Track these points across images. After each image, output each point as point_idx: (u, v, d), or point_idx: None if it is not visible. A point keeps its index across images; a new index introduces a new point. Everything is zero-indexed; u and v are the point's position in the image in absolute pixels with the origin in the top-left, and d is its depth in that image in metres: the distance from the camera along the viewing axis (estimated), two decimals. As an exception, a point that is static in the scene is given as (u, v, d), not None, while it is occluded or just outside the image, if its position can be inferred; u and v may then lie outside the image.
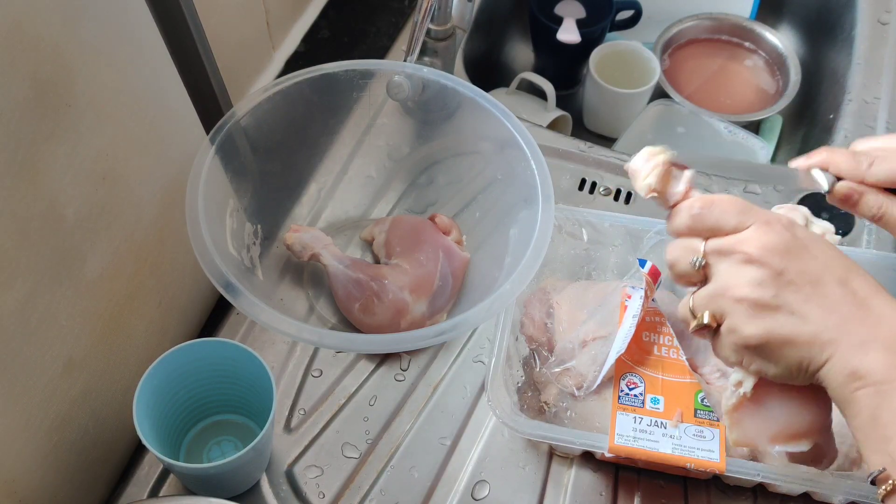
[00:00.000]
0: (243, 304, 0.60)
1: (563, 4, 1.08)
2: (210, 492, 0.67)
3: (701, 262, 0.50)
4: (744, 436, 0.56)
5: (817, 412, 0.53)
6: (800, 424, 0.53)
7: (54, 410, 0.58)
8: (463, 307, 0.75)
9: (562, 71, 1.11)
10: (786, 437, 0.54)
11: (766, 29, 1.12)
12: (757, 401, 0.54)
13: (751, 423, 0.55)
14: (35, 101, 0.49)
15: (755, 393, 0.53)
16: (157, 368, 0.62)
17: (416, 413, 0.72)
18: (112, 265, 0.61)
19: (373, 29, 1.01)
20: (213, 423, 0.70)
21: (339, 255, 0.76)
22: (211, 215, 0.64)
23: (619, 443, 0.63)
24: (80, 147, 0.54)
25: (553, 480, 0.69)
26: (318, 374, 0.73)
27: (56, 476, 0.61)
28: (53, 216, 0.53)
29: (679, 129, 1.03)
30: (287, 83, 0.72)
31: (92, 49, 0.53)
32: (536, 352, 0.72)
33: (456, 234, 0.78)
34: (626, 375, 0.67)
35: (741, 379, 0.53)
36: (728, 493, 0.68)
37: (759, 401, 0.54)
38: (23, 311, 0.52)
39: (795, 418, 0.53)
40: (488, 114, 0.72)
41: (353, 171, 0.84)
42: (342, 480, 0.68)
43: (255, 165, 0.74)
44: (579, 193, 0.86)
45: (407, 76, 0.74)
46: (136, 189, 0.62)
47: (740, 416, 0.55)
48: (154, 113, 0.62)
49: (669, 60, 1.11)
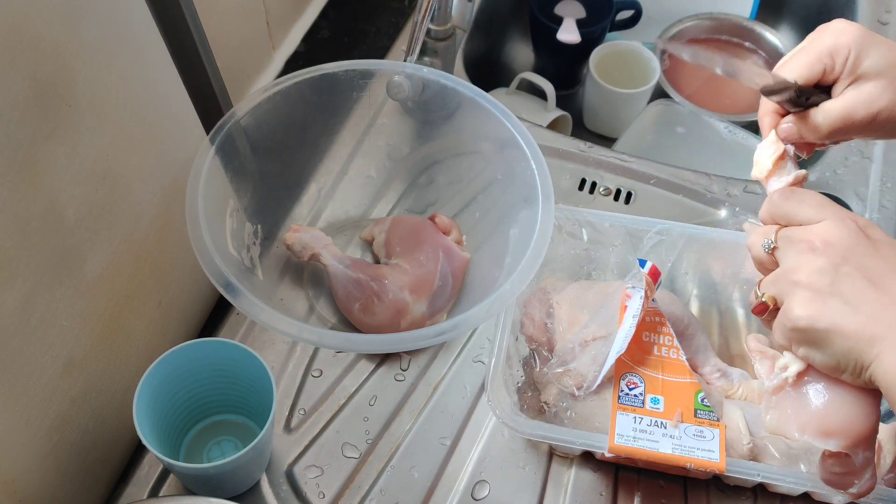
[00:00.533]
0: (243, 304, 0.60)
1: (563, 4, 1.08)
2: (210, 492, 0.67)
3: (770, 245, 0.52)
4: (777, 420, 0.55)
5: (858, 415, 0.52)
6: (834, 421, 0.52)
7: (54, 410, 0.58)
8: (463, 307, 0.75)
9: (562, 71, 1.11)
10: (816, 430, 0.53)
11: (766, 29, 1.12)
12: (799, 387, 0.53)
13: (787, 407, 0.54)
14: (35, 101, 0.49)
15: (799, 380, 0.53)
16: (157, 368, 0.62)
17: (416, 413, 0.72)
18: (112, 265, 0.61)
19: (373, 29, 1.01)
20: (213, 423, 0.70)
21: (339, 255, 0.76)
22: (211, 215, 0.64)
23: (618, 443, 0.63)
24: (80, 147, 0.54)
25: (553, 480, 0.69)
26: (318, 374, 0.73)
27: (56, 476, 0.61)
28: (53, 216, 0.53)
29: (679, 129, 1.03)
30: (287, 83, 0.72)
31: (92, 49, 0.53)
32: (536, 352, 0.72)
33: (456, 234, 0.78)
34: (626, 375, 0.67)
35: (788, 363, 0.53)
36: (728, 493, 0.68)
37: (801, 387, 0.53)
38: (23, 311, 0.52)
39: (831, 413, 0.52)
40: (488, 114, 0.72)
41: (353, 171, 0.84)
42: (342, 480, 0.68)
43: (255, 165, 0.74)
44: (579, 193, 0.86)
45: (407, 76, 0.74)
46: (136, 189, 0.62)
47: (779, 400, 0.55)
48: (154, 113, 0.62)
49: (669, 60, 1.11)
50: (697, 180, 0.87)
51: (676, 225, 0.74)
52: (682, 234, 0.74)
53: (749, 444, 0.65)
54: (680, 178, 0.87)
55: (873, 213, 0.85)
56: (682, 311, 0.72)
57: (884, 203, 0.86)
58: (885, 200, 0.86)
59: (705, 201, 0.86)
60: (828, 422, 0.52)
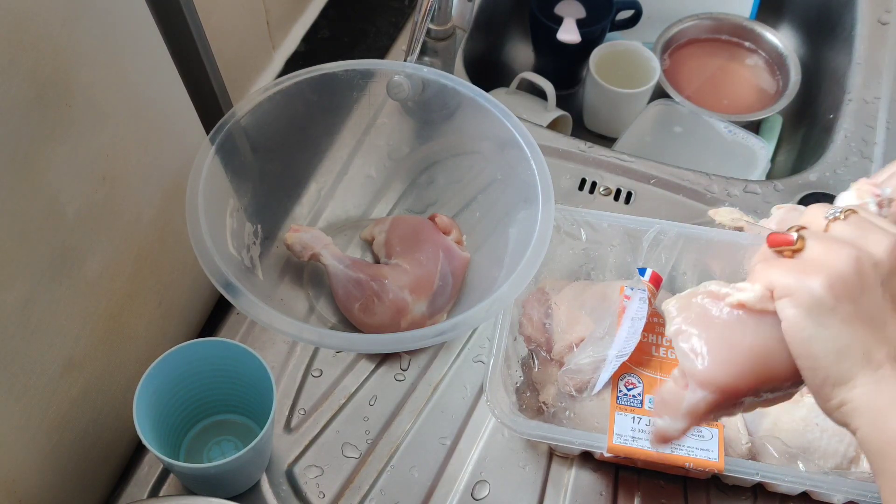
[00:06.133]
0: (243, 304, 0.60)
1: (563, 4, 1.08)
2: (210, 492, 0.67)
3: (835, 215, 0.46)
4: (682, 308, 0.49)
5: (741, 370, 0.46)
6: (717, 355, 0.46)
7: (54, 410, 0.58)
8: (463, 307, 0.75)
9: (562, 71, 1.11)
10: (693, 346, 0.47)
11: (766, 29, 1.12)
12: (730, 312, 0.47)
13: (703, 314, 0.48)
14: (35, 101, 0.49)
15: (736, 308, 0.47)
16: (157, 368, 0.62)
17: (416, 413, 0.72)
18: (112, 265, 0.61)
19: (373, 29, 1.01)
20: (213, 423, 0.70)
21: (339, 255, 0.76)
22: (211, 215, 0.64)
23: (617, 443, 0.64)
24: (81, 147, 0.54)
25: (553, 480, 0.69)
26: (318, 373, 0.73)
27: (56, 476, 0.61)
28: (53, 216, 0.53)
29: (679, 129, 1.03)
30: (287, 83, 0.72)
31: (92, 49, 0.53)
32: (535, 352, 0.72)
33: (456, 234, 0.78)
34: (624, 376, 0.67)
35: (747, 288, 0.47)
36: (728, 492, 0.68)
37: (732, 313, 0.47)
38: (23, 311, 0.52)
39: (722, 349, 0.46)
40: (488, 114, 0.72)
41: (353, 171, 0.84)
42: (342, 480, 0.68)
43: (255, 165, 0.74)
44: (579, 193, 0.86)
45: (407, 76, 0.74)
46: (136, 189, 0.62)
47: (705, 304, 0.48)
48: (154, 113, 0.62)
49: (669, 60, 1.11)
50: (697, 180, 0.87)
51: (675, 225, 0.74)
52: (680, 234, 0.74)
53: (747, 444, 0.65)
54: (680, 177, 0.88)
55: (873, 213, 0.85)
56: (682, 311, 0.72)
57: (883, 203, 0.86)
58: (885, 200, 0.86)
59: (705, 201, 0.86)
60: (710, 349, 0.47)
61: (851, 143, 0.91)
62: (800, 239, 0.45)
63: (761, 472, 0.62)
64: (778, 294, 0.45)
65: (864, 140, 0.91)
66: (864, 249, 0.44)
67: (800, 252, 0.45)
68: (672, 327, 0.49)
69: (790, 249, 0.45)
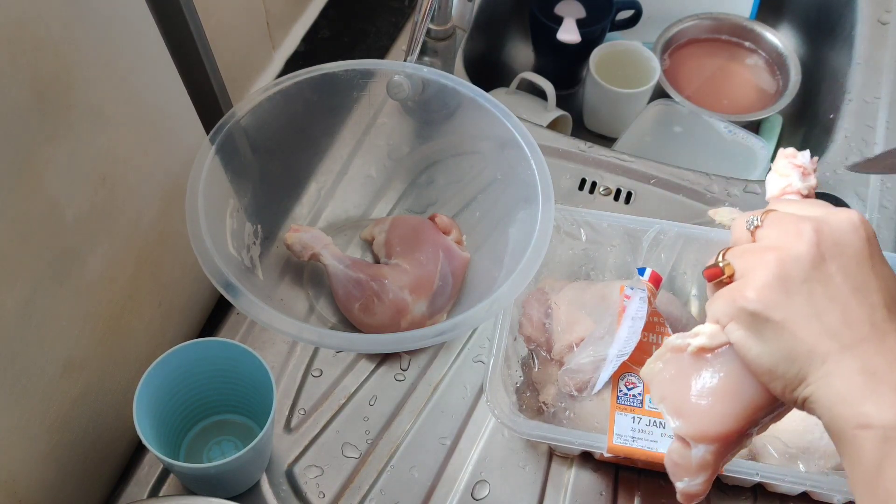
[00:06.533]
0: (243, 304, 0.60)
1: (563, 4, 1.08)
2: (210, 492, 0.67)
3: (755, 224, 0.46)
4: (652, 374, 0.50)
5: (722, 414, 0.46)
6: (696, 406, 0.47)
7: (54, 410, 0.58)
8: (463, 307, 0.75)
9: (562, 71, 1.11)
10: (674, 404, 0.48)
11: (766, 29, 1.12)
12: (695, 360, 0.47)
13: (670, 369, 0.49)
14: (36, 102, 0.49)
15: (699, 354, 0.47)
16: (157, 368, 0.62)
17: (416, 413, 0.72)
18: (112, 266, 0.61)
19: (373, 29, 1.01)
20: (213, 423, 0.70)
21: (339, 255, 0.76)
22: (211, 215, 0.64)
23: (617, 443, 0.64)
24: (81, 148, 0.54)
25: (553, 480, 0.69)
26: (318, 373, 0.73)
27: (56, 476, 0.61)
28: (54, 217, 0.53)
29: (679, 129, 1.03)
30: (287, 83, 0.72)
31: (93, 50, 0.53)
32: (535, 352, 0.72)
33: (456, 234, 0.79)
34: (624, 376, 0.67)
35: (702, 331, 0.47)
36: (728, 492, 0.68)
37: (696, 362, 0.47)
38: (23, 312, 0.52)
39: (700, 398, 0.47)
40: (488, 113, 0.72)
41: (353, 171, 0.84)
42: (342, 480, 0.68)
43: (255, 165, 0.74)
44: (579, 193, 0.86)
45: (407, 76, 0.74)
46: (137, 189, 0.62)
47: (670, 360, 0.49)
48: (154, 113, 0.62)
49: (669, 60, 1.11)
50: (697, 180, 0.87)
51: (675, 225, 0.74)
52: (680, 234, 0.74)
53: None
54: (680, 177, 0.88)
55: (873, 213, 0.85)
56: (681, 312, 0.72)
57: (884, 203, 0.86)
58: (886, 200, 0.86)
59: (705, 201, 0.86)
60: (691, 404, 0.47)
61: (851, 143, 0.91)
62: (726, 265, 0.46)
63: (761, 472, 0.62)
64: (723, 324, 0.46)
65: (864, 140, 0.92)
66: (784, 249, 0.44)
67: (733, 275, 0.46)
68: (654, 396, 0.50)
69: (726, 277, 0.46)
